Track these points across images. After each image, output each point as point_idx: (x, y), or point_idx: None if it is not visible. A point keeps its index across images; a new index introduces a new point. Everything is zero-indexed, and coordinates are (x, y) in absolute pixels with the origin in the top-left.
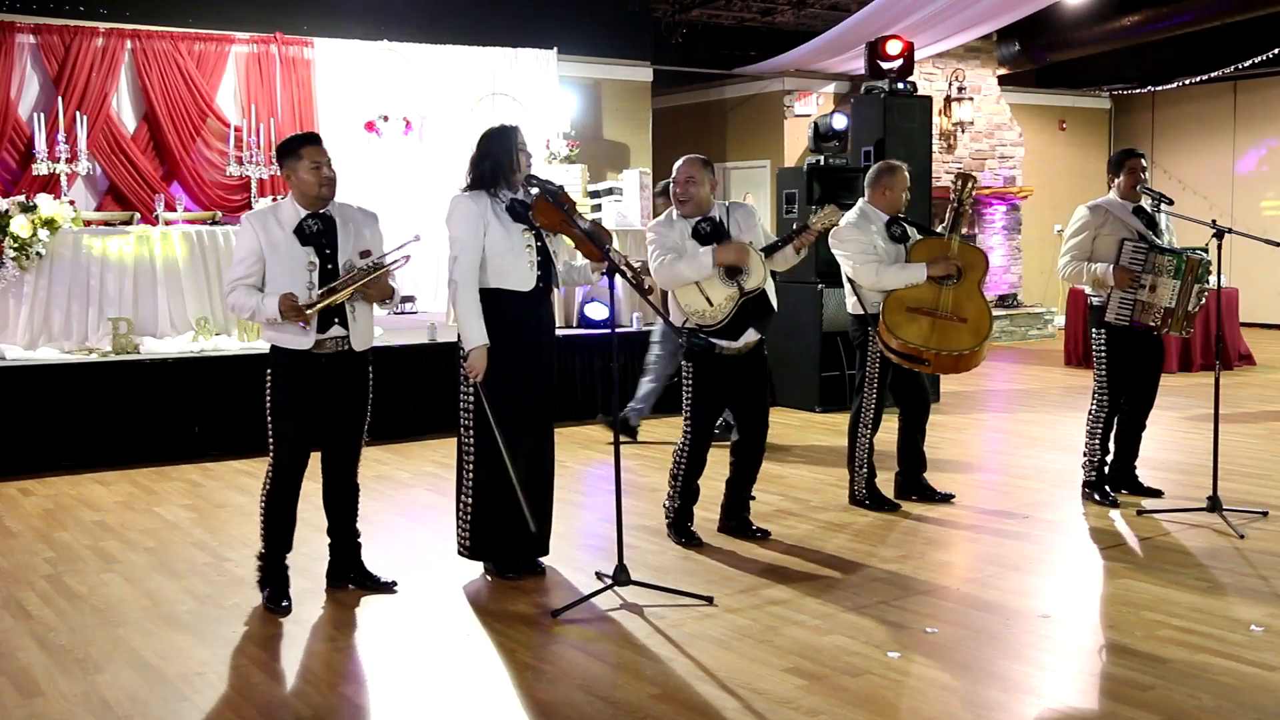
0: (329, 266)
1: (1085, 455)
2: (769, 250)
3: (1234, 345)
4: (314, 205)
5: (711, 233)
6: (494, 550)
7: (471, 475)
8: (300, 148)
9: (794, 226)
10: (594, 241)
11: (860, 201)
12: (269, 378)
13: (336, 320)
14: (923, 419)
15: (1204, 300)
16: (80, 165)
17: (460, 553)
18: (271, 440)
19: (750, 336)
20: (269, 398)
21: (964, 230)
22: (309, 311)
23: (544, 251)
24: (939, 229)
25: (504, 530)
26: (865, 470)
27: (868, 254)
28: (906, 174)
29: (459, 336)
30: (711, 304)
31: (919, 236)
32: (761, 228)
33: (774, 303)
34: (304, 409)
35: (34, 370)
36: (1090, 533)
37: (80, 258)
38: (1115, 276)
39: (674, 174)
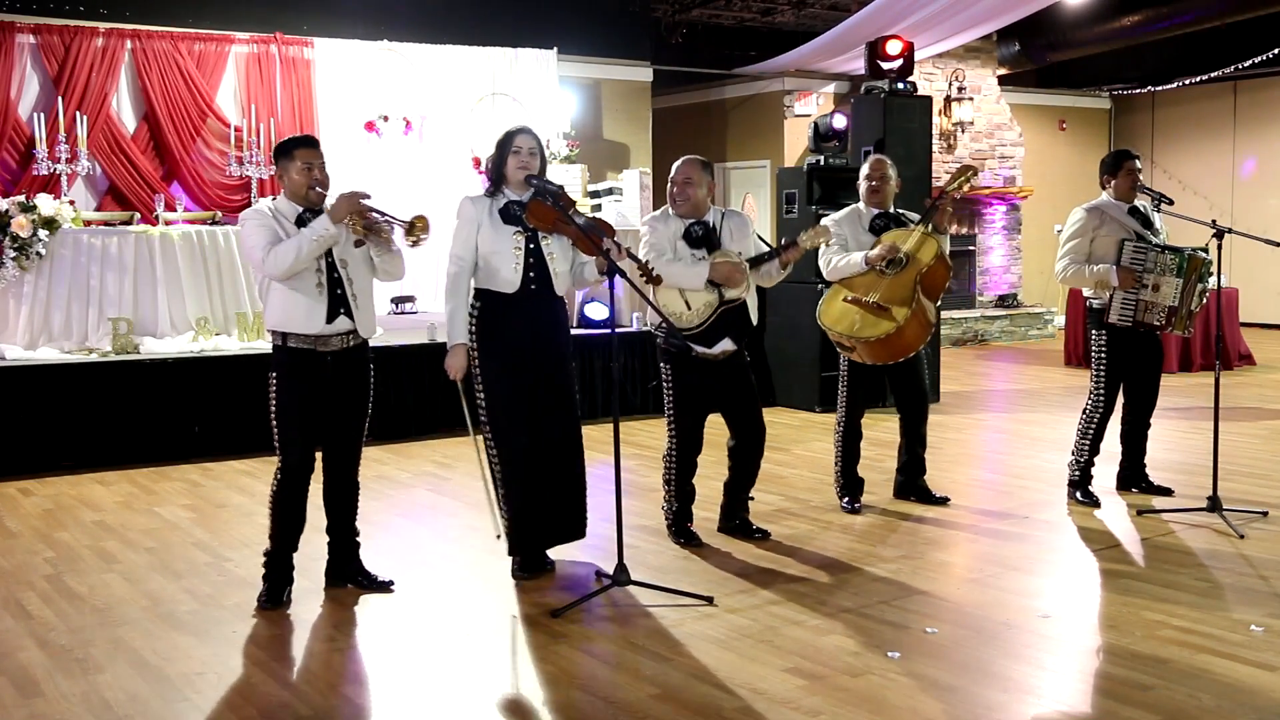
0: (330, 258)
1: (1073, 455)
2: (754, 262)
3: (1234, 345)
4: (307, 204)
5: (703, 236)
6: (524, 541)
7: (499, 469)
8: (294, 149)
9: (781, 241)
10: (593, 236)
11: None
12: (273, 379)
13: (342, 311)
14: (919, 423)
15: (1205, 300)
16: (80, 165)
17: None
18: (278, 442)
19: (725, 345)
20: (274, 399)
21: (946, 226)
22: (365, 203)
23: (536, 254)
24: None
25: (531, 520)
26: (839, 467)
27: (831, 246)
28: (876, 164)
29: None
30: (689, 308)
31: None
32: (754, 239)
33: (754, 317)
34: (310, 409)
35: (34, 370)
36: (1090, 533)
37: (80, 258)
38: (1119, 277)
39: (672, 173)
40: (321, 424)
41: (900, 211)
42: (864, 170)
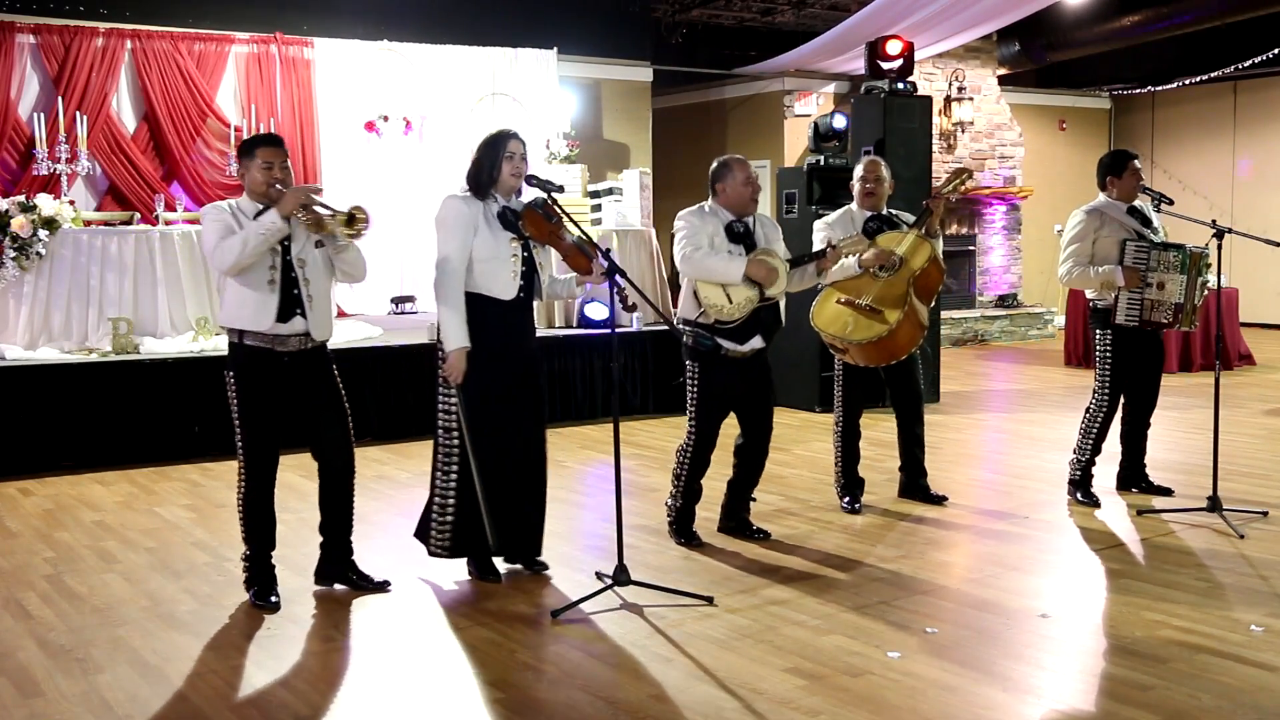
0: (287, 258)
1: (1075, 454)
2: (793, 263)
3: (1234, 345)
4: (267, 202)
5: (744, 233)
6: (474, 547)
7: (456, 475)
8: (256, 147)
9: (828, 245)
10: (583, 253)
11: None
12: (230, 378)
13: (298, 311)
14: (914, 423)
15: (1206, 293)
16: (80, 165)
17: (436, 554)
18: (241, 444)
19: (756, 343)
20: (234, 400)
21: (939, 228)
22: (315, 198)
23: (529, 262)
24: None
25: (487, 528)
26: (839, 467)
27: (821, 247)
28: (870, 166)
29: (438, 337)
30: (731, 302)
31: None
32: (783, 243)
33: (783, 318)
34: (268, 409)
35: (34, 370)
36: (1090, 533)
37: (80, 258)
38: (1125, 277)
39: (750, 172)
40: (287, 426)
41: (893, 213)
42: (858, 172)
